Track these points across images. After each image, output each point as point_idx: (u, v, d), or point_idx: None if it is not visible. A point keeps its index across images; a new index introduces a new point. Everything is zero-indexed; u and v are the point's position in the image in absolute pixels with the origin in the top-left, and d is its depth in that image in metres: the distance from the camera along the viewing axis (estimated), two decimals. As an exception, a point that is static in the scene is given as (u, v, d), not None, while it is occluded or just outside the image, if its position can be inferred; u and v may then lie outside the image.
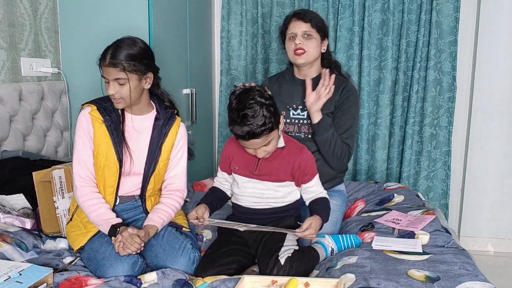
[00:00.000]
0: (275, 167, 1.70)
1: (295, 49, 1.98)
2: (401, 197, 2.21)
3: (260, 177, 1.72)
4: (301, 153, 1.73)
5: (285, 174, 1.71)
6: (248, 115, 1.54)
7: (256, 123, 1.54)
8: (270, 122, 1.56)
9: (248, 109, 1.54)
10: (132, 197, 1.79)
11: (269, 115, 1.56)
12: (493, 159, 3.13)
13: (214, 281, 1.46)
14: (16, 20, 2.25)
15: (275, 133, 1.63)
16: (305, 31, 1.97)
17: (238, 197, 1.78)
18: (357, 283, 1.38)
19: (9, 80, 2.22)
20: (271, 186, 1.72)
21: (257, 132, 1.55)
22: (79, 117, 1.72)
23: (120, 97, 1.65)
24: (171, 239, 1.68)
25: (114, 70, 1.61)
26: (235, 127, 1.57)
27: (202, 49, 3.20)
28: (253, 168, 1.72)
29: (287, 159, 1.71)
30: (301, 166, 1.71)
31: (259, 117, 1.54)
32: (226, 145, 1.82)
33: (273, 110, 1.58)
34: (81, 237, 1.68)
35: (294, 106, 2.06)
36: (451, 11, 2.97)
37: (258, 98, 1.56)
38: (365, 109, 3.14)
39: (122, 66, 1.61)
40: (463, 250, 1.62)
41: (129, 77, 1.62)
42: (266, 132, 1.56)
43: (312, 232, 1.57)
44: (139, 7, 2.38)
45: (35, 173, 1.82)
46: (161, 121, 1.78)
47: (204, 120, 3.22)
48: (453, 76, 3.04)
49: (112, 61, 1.61)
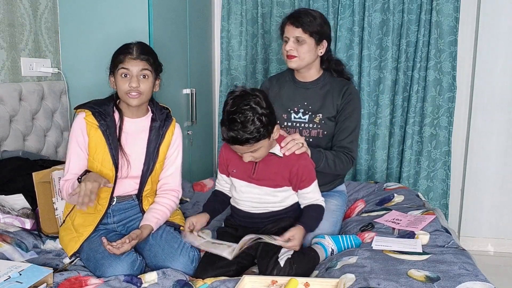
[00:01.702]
0: (272, 171, 1.68)
1: (287, 54, 1.97)
2: (401, 197, 2.21)
3: (257, 182, 1.70)
4: (300, 159, 1.69)
5: (283, 179, 1.69)
6: (237, 121, 1.50)
7: (242, 130, 1.50)
8: (258, 133, 1.51)
9: (240, 114, 1.50)
10: (129, 197, 1.79)
11: (260, 125, 1.51)
12: (493, 159, 3.13)
13: (214, 282, 1.46)
14: (16, 20, 2.25)
15: (264, 142, 1.57)
16: (297, 37, 1.93)
17: (237, 201, 1.77)
18: (357, 283, 1.38)
19: (9, 80, 2.22)
20: (269, 191, 1.70)
21: (241, 140, 1.51)
22: (74, 124, 1.72)
23: (141, 91, 1.67)
24: (170, 239, 1.68)
25: (142, 63, 1.67)
26: (222, 128, 1.55)
27: (202, 49, 3.19)
28: (251, 172, 1.70)
29: (285, 164, 1.68)
30: (299, 172, 1.68)
31: (247, 125, 1.49)
32: (222, 148, 1.79)
33: (265, 120, 1.52)
34: (72, 242, 1.67)
35: (295, 109, 2.04)
36: (451, 11, 2.97)
37: (253, 105, 1.52)
38: (365, 109, 3.14)
39: (150, 61, 1.69)
40: (463, 250, 1.62)
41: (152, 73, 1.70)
42: (252, 141, 1.52)
43: (296, 244, 1.57)
44: (139, 7, 2.38)
45: (35, 174, 1.82)
46: (158, 123, 1.79)
47: (204, 120, 3.22)
48: (453, 76, 3.04)
49: (142, 55, 1.67)
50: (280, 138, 1.70)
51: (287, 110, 2.04)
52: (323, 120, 2.00)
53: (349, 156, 1.98)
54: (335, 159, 1.93)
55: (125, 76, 1.67)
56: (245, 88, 1.59)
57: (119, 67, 1.67)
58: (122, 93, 1.69)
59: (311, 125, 2.00)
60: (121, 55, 1.68)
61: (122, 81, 1.67)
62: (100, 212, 1.72)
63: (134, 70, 1.66)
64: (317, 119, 2.00)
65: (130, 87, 1.66)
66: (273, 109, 1.61)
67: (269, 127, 1.56)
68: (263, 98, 1.57)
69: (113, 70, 1.71)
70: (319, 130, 2.00)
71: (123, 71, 1.66)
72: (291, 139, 1.70)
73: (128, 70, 1.66)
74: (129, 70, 1.66)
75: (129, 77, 1.66)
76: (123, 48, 1.70)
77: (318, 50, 1.99)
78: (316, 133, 2.00)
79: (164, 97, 2.43)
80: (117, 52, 1.71)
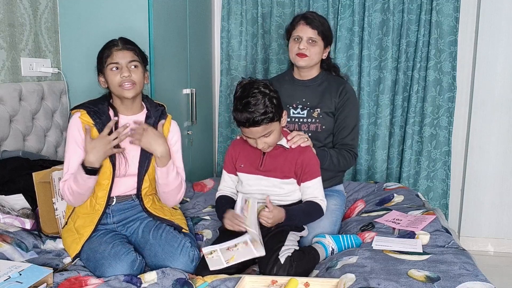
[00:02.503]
0: (279, 163, 1.74)
1: (298, 52, 2.02)
2: (401, 197, 2.21)
3: (265, 173, 1.74)
4: (305, 151, 1.77)
5: (289, 171, 1.74)
6: (251, 103, 1.59)
7: (257, 110, 1.59)
8: (271, 112, 1.61)
9: (251, 97, 1.59)
10: (128, 197, 1.79)
11: (271, 105, 1.61)
12: (493, 159, 3.13)
13: (214, 280, 1.46)
14: (16, 20, 2.25)
15: (276, 125, 1.66)
16: (311, 37, 2.01)
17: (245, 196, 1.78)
18: (357, 283, 1.38)
19: (9, 80, 2.22)
20: (276, 183, 1.74)
21: (257, 120, 1.59)
22: (70, 125, 1.72)
23: (134, 80, 1.68)
24: (170, 238, 1.68)
25: (129, 53, 1.69)
26: (237, 113, 1.62)
27: (202, 49, 3.19)
28: (259, 164, 1.75)
29: (292, 156, 1.74)
30: (304, 163, 1.74)
31: (260, 105, 1.59)
32: (230, 147, 1.86)
33: (275, 102, 1.63)
34: (74, 244, 1.68)
35: (294, 105, 2.10)
36: (451, 11, 2.97)
37: (262, 88, 1.62)
38: (365, 109, 3.14)
39: (136, 51, 1.72)
40: (463, 250, 1.62)
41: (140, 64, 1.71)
42: (267, 121, 1.60)
43: (269, 221, 1.60)
44: (139, 7, 2.38)
45: (35, 174, 1.82)
46: (152, 119, 1.78)
47: (204, 120, 3.22)
48: (453, 76, 3.04)
49: (126, 45, 1.70)
50: (286, 133, 1.79)
51: (286, 106, 2.07)
52: (321, 115, 2.06)
53: (352, 152, 2.07)
54: (338, 156, 2.01)
55: (115, 69, 1.67)
56: (252, 77, 1.69)
57: (107, 62, 1.68)
58: (116, 87, 1.68)
59: (309, 120, 2.06)
60: (106, 50, 1.69)
61: (113, 74, 1.68)
62: (98, 211, 1.72)
63: (122, 61, 1.67)
64: (316, 113, 2.06)
65: (122, 78, 1.66)
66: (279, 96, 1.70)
67: (279, 110, 1.66)
68: (270, 83, 1.68)
69: (102, 68, 1.71)
70: (318, 124, 2.06)
71: (112, 65, 1.67)
72: (297, 133, 1.79)
73: (118, 63, 1.67)
74: (118, 62, 1.67)
75: (119, 69, 1.67)
76: (107, 44, 1.72)
77: (323, 54, 2.08)
78: (315, 127, 2.06)
79: (164, 97, 2.44)
80: (102, 49, 1.72)
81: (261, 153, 1.75)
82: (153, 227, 1.74)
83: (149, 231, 1.73)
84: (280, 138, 1.76)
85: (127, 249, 1.61)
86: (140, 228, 1.76)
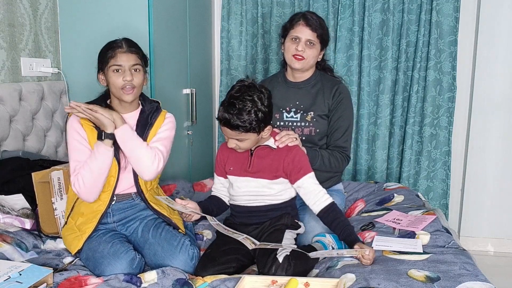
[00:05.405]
0: (267, 163, 1.72)
1: (295, 54, 1.98)
2: (401, 197, 2.21)
3: (253, 175, 1.73)
4: (293, 149, 1.74)
5: (277, 171, 1.72)
6: (235, 106, 1.57)
7: (237, 116, 1.57)
8: (250, 124, 1.58)
9: (240, 101, 1.57)
10: (128, 195, 1.79)
11: (255, 118, 1.58)
12: (493, 159, 3.13)
13: (214, 281, 1.46)
14: (16, 20, 2.25)
15: (252, 136, 1.63)
16: (310, 39, 1.96)
17: (235, 197, 1.79)
18: (357, 283, 1.38)
19: (9, 80, 2.22)
20: (265, 183, 1.72)
21: (233, 124, 1.58)
22: (68, 127, 1.72)
23: (135, 85, 1.68)
24: (169, 237, 1.68)
25: (133, 56, 1.69)
26: (220, 108, 1.62)
27: (202, 49, 3.19)
28: (247, 166, 1.73)
29: (279, 156, 1.72)
30: (294, 161, 1.71)
31: (244, 113, 1.57)
32: (219, 150, 1.85)
33: (261, 117, 1.60)
34: (76, 240, 1.68)
35: (287, 108, 2.07)
36: (451, 11, 2.97)
37: (256, 98, 1.59)
38: (365, 109, 3.14)
39: (140, 54, 1.72)
40: (463, 250, 1.62)
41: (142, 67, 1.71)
42: (242, 129, 1.59)
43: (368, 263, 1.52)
44: (139, 7, 2.38)
45: (34, 174, 1.82)
46: (146, 113, 1.79)
47: (204, 120, 3.22)
48: (453, 76, 3.04)
49: (131, 48, 1.69)
50: (274, 133, 1.76)
51: (279, 109, 2.07)
52: (314, 118, 2.03)
53: (344, 155, 2.04)
54: (330, 157, 1.98)
55: (117, 71, 1.67)
56: (255, 82, 1.65)
57: (110, 63, 1.67)
58: (117, 89, 1.69)
59: (303, 124, 2.03)
60: (110, 50, 1.69)
61: (115, 76, 1.67)
62: (101, 207, 1.72)
63: (126, 64, 1.67)
64: (309, 117, 2.03)
65: (125, 81, 1.66)
66: (272, 111, 1.68)
67: (262, 124, 1.63)
68: (267, 97, 1.64)
69: (103, 67, 1.71)
70: (311, 128, 2.03)
71: (115, 67, 1.67)
72: (286, 133, 1.76)
73: (120, 65, 1.67)
74: (121, 65, 1.67)
75: (121, 71, 1.67)
76: (111, 44, 1.71)
77: (319, 56, 2.05)
78: (309, 131, 2.03)
79: (164, 97, 2.44)
80: (105, 48, 1.71)
81: (249, 154, 1.73)
82: (152, 226, 1.74)
83: (149, 230, 1.73)
84: (268, 139, 1.74)
85: (126, 247, 1.61)
86: (140, 227, 1.76)
